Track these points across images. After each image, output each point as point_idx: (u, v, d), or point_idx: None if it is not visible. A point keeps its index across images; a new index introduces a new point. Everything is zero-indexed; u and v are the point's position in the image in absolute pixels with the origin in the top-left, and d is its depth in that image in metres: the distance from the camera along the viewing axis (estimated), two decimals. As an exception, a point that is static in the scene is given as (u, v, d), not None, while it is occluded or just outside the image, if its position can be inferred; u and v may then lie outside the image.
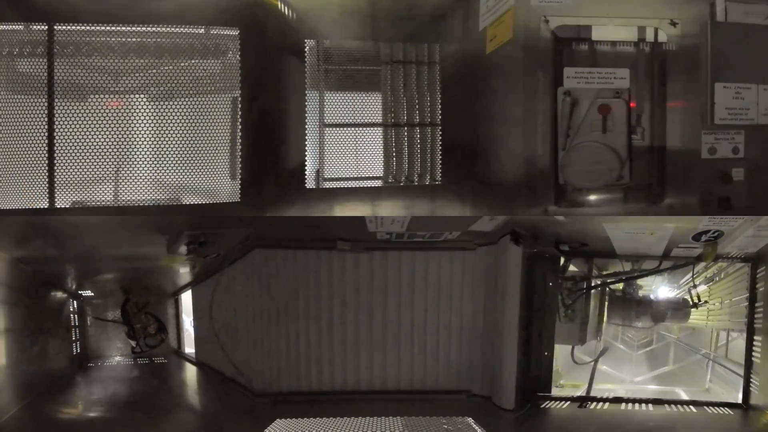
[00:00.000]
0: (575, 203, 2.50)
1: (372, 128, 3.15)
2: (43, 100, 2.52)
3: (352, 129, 3.14)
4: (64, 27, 2.55)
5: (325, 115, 3.09)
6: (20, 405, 2.77)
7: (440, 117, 3.11)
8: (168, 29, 2.68)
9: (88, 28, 2.59)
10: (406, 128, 3.13)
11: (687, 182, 2.39)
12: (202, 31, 2.76)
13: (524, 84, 2.43)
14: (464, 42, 2.92)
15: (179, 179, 2.67)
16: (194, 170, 2.68)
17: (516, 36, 2.44)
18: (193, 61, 2.73)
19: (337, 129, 3.11)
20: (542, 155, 2.43)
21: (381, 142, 3.15)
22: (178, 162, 2.65)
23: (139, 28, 2.64)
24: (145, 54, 2.66)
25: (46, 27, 2.53)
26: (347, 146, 3.14)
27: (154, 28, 2.66)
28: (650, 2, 2.40)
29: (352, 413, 2.84)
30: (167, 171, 2.65)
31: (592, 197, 2.53)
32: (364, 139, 3.16)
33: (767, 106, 2.35)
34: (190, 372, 3.62)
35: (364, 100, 3.15)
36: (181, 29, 2.71)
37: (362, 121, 3.15)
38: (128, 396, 3.13)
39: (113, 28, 2.62)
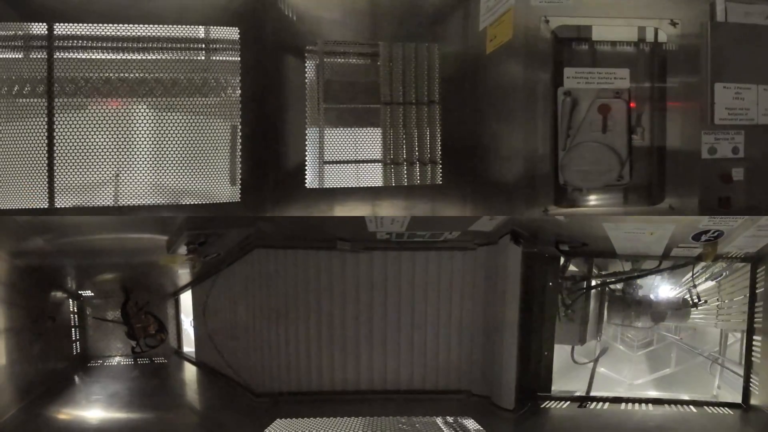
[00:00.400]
0: (575, 203, 2.50)
1: (371, 131, 3.14)
2: (44, 102, 2.53)
3: (351, 129, 3.14)
4: (64, 56, 2.57)
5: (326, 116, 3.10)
6: (20, 405, 2.77)
7: (440, 117, 3.11)
8: (166, 56, 2.70)
9: (86, 33, 2.60)
10: (404, 128, 3.12)
11: (687, 182, 2.39)
12: (202, 57, 2.78)
13: (524, 84, 2.43)
14: (464, 42, 2.92)
15: (179, 183, 2.68)
16: (194, 174, 2.69)
17: (516, 36, 2.44)
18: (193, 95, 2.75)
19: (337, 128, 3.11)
20: (542, 155, 2.43)
21: (380, 142, 3.15)
22: (178, 166, 2.66)
23: (139, 56, 2.67)
24: (148, 86, 2.68)
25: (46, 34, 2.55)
26: (347, 145, 3.14)
27: (151, 55, 2.68)
28: (650, 2, 2.40)
29: (352, 413, 2.83)
30: (167, 175, 2.65)
31: (592, 197, 2.53)
32: (364, 139, 3.16)
33: (767, 106, 2.35)
34: (190, 372, 3.62)
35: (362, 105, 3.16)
36: (182, 56, 2.73)
37: (359, 121, 3.15)
38: (128, 396, 3.13)
39: (113, 30, 2.63)
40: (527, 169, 2.46)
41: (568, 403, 2.96)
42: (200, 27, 2.77)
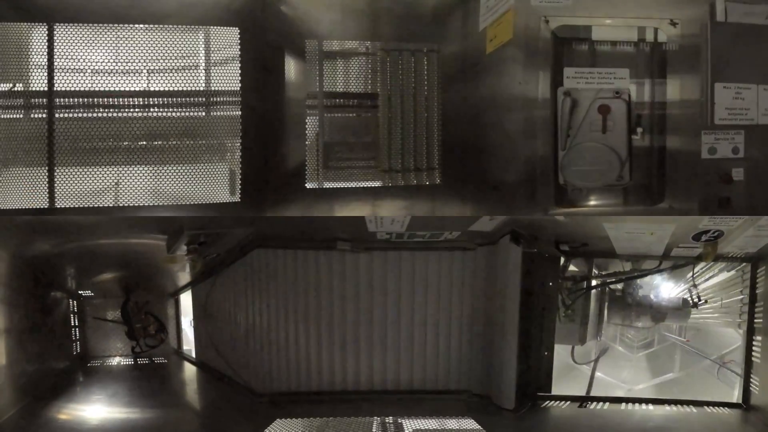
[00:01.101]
0: (575, 203, 2.50)
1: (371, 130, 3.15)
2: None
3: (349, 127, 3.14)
4: (63, 116, 2.59)
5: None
6: (20, 405, 2.77)
7: (440, 116, 3.11)
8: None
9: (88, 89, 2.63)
10: (402, 127, 3.12)
11: (687, 182, 2.39)
12: (203, 114, 2.80)
13: (524, 84, 2.43)
14: (464, 42, 2.92)
15: (179, 187, 2.69)
16: (194, 178, 2.70)
17: (516, 36, 2.44)
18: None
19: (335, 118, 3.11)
20: (542, 155, 2.43)
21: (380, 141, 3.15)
22: (179, 170, 2.68)
23: (137, 95, 2.69)
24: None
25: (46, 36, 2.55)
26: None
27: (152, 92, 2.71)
28: (650, 2, 2.40)
29: (352, 413, 2.83)
30: (167, 181, 2.67)
31: (592, 197, 2.53)
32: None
33: (767, 106, 2.35)
34: (190, 372, 3.62)
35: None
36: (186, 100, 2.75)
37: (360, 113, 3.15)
38: (128, 396, 3.14)
39: (115, 28, 2.63)
40: (527, 169, 2.46)
41: (568, 403, 2.96)
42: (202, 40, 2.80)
